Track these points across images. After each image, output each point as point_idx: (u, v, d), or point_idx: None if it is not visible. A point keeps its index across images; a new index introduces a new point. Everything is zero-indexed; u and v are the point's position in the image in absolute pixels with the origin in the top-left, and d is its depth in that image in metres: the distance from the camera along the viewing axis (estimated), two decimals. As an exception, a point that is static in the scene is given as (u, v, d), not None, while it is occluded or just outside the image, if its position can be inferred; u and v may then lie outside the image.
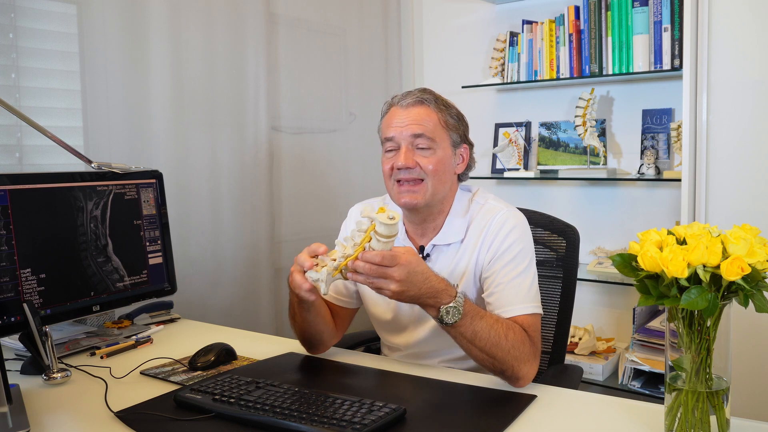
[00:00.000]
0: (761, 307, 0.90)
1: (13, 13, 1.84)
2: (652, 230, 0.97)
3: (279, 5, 2.51)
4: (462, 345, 1.24)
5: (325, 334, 1.44)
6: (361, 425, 1.01)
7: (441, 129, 1.40)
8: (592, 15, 2.50)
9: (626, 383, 2.37)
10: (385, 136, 1.41)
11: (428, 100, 1.41)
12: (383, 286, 1.17)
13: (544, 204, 2.80)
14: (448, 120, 1.42)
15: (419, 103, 1.40)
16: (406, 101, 1.41)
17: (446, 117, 1.42)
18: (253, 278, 2.38)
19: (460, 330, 1.22)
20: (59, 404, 1.22)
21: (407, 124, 1.38)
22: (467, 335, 1.22)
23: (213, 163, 2.26)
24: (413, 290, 1.18)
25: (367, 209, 1.18)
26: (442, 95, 1.47)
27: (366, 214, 1.17)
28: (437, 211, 1.45)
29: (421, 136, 1.38)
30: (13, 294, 1.39)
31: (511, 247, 1.38)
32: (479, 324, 1.22)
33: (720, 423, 0.94)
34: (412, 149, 1.38)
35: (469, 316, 1.21)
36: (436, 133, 1.39)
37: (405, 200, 1.39)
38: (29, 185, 1.44)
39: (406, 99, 1.41)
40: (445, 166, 1.41)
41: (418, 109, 1.40)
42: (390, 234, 1.15)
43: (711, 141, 2.24)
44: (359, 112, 2.89)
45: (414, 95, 1.41)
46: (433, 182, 1.39)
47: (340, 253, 1.19)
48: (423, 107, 1.40)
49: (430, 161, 1.38)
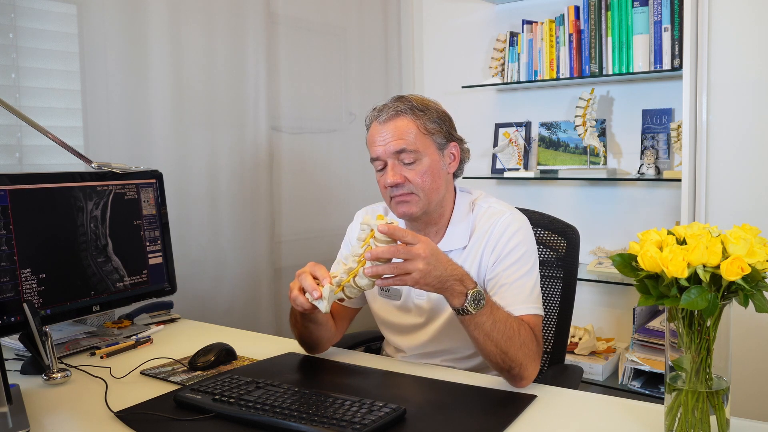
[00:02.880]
0: (761, 307, 0.90)
1: (13, 13, 1.84)
2: (652, 230, 0.97)
3: (279, 5, 2.51)
4: (478, 338, 1.21)
5: (324, 339, 1.45)
6: (361, 425, 1.01)
7: (423, 137, 1.37)
8: (592, 15, 2.50)
9: (626, 383, 2.37)
10: (371, 155, 1.40)
11: (404, 111, 1.37)
12: (409, 267, 1.13)
13: (544, 204, 2.80)
14: (428, 126, 1.38)
15: (396, 115, 1.37)
16: (383, 116, 1.38)
17: (425, 123, 1.38)
18: (253, 278, 2.38)
19: (482, 320, 1.19)
20: (59, 404, 1.22)
21: (388, 141, 1.36)
22: (486, 326, 1.19)
23: (213, 163, 2.26)
24: (440, 269, 1.14)
25: (366, 218, 1.18)
26: (423, 96, 1.44)
27: (365, 222, 1.17)
28: (437, 215, 1.44)
29: (403, 151, 1.35)
30: (13, 294, 1.39)
31: (515, 249, 1.38)
32: (498, 314, 1.21)
33: (720, 423, 0.94)
34: (399, 164, 1.36)
35: (489, 305, 1.20)
36: (418, 143, 1.36)
37: (401, 211, 1.40)
38: (29, 185, 1.44)
39: (383, 114, 1.38)
40: (434, 172, 1.39)
41: (395, 122, 1.36)
42: (389, 242, 1.15)
43: (711, 141, 2.24)
44: (359, 112, 2.89)
45: (390, 108, 1.38)
46: (425, 192, 1.38)
47: (343, 269, 1.18)
48: (400, 119, 1.37)
49: (417, 174, 1.36)
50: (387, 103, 1.41)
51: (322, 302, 1.19)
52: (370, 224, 1.16)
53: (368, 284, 1.17)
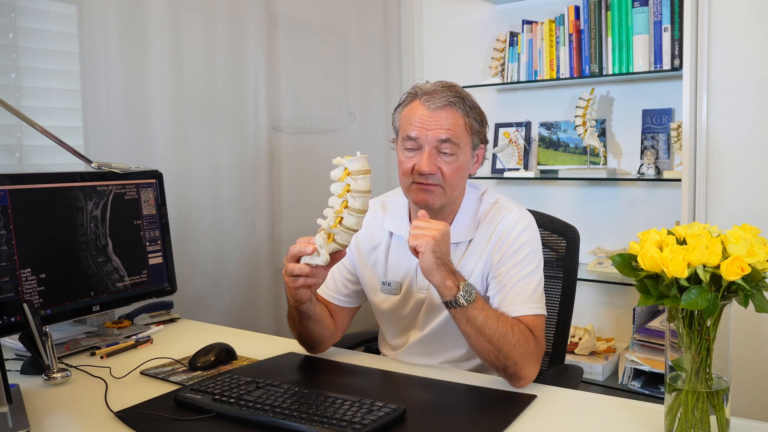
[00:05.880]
0: (761, 307, 0.90)
1: (13, 13, 1.84)
2: (652, 230, 0.97)
3: (279, 5, 2.51)
4: (469, 333, 1.23)
5: (324, 338, 1.45)
6: (361, 425, 1.01)
7: (466, 134, 1.36)
8: (592, 15, 2.50)
9: (626, 383, 2.37)
10: (407, 134, 1.36)
11: (457, 104, 1.34)
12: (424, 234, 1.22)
13: (544, 204, 2.80)
14: (473, 124, 1.37)
15: (448, 105, 1.34)
16: (434, 103, 1.34)
17: (472, 121, 1.37)
18: (253, 278, 2.38)
19: (472, 313, 1.22)
20: (59, 404, 1.22)
21: (434, 128, 1.33)
22: (478, 321, 1.22)
23: (213, 162, 2.26)
24: (444, 249, 1.23)
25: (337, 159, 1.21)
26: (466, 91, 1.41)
27: (336, 162, 1.20)
28: (449, 211, 1.45)
29: (447, 141, 1.33)
30: (13, 294, 1.39)
31: (522, 247, 1.38)
32: (489, 311, 1.24)
33: (720, 423, 0.94)
34: (436, 153, 1.34)
35: (480, 301, 1.24)
36: (461, 138, 1.35)
37: (421, 198, 1.37)
38: (29, 185, 1.44)
39: (434, 99, 1.34)
40: (464, 170, 1.39)
41: (446, 112, 1.34)
42: (362, 167, 1.19)
43: (711, 141, 2.24)
44: (359, 112, 2.89)
45: (443, 96, 1.34)
46: (451, 188, 1.37)
47: (325, 224, 1.22)
48: (451, 111, 1.34)
49: (451, 168, 1.35)
50: (435, 88, 1.37)
51: (317, 257, 1.22)
52: (342, 163, 1.20)
53: (356, 222, 1.21)
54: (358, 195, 1.20)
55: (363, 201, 1.21)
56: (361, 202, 1.20)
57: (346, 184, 1.20)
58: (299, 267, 1.24)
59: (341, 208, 1.20)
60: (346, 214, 1.20)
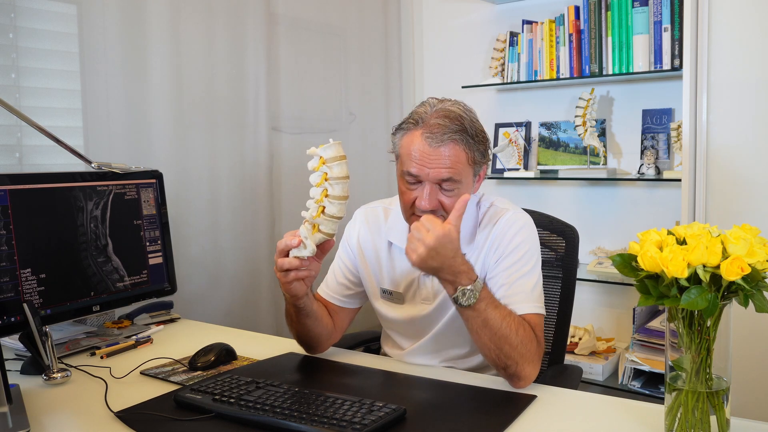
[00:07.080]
0: (761, 307, 0.90)
1: (13, 13, 1.84)
2: (652, 230, 0.97)
3: (279, 5, 2.51)
4: (473, 330, 1.25)
5: (323, 337, 1.44)
6: (361, 425, 1.01)
7: (468, 167, 1.32)
8: (592, 15, 2.50)
9: (626, 383, 2.37)
10: (408, 170, 1.31)
11: (460, 140, 1.29)
12: (416, 247, 1.20)
13: (544, 204, 2.80)
14: (476, 156, 1.33)
15: (451, 141, 1.28)
16: (435, 140, 1.28)
17: (474, 154, 1.32)
18: (253, 278, 2.38)
19: (475, 313, 1.23)
20: (59, 404, 1.22)
21: (435, 167, 1.28)
22: (480, 320, 1.23)
23: (213, 162, 2.26)
24: (437, 261, 1.20)
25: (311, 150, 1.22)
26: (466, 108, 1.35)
27: (310, 152, 1.21)
28: None
29: (449, 180, 1.30)
30: (13, 294, 1.39)
31: (518, 247, 1.38)
32: (493, 312, 1.24)
33: (720, 423, 0.94)
34: (437, 189, 1.31)
35: (484, 302, 1.23)
36: (463, 173, 1.31)
37: None
38: (29, 185, 1.44)
39: (435, 136, 1.28)
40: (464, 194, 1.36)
41: (448, 149, 1.28)
42: (336, 154, 1.19)
43: (711, 141, 2.24)
44: (359, 112, 2.89)
45: (445, 133, 1.28)
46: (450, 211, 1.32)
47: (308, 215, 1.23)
48: (454, 147, 1.28)
49: (453, 201, 1.30)
50: (437, 119, 1.30)
51: (303, 249, 1.22)
52: (316, 152, 1.21)
53: (339, 209, 1.22)
54: (336, 182, 1.20)
55: (342, 187, 1.21)
56: (340, 188, 1.21)
57: (323, 172, 1.21)
58: (288, 261, 1.25)
59: (321, 197, 1.21)
60: (327, 203, 1.21)
